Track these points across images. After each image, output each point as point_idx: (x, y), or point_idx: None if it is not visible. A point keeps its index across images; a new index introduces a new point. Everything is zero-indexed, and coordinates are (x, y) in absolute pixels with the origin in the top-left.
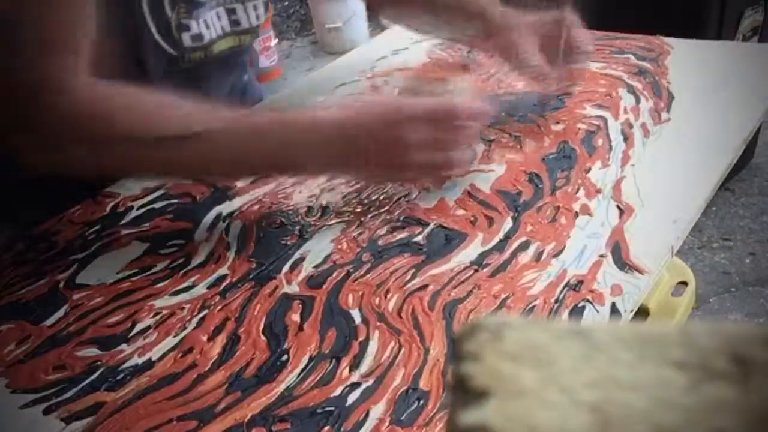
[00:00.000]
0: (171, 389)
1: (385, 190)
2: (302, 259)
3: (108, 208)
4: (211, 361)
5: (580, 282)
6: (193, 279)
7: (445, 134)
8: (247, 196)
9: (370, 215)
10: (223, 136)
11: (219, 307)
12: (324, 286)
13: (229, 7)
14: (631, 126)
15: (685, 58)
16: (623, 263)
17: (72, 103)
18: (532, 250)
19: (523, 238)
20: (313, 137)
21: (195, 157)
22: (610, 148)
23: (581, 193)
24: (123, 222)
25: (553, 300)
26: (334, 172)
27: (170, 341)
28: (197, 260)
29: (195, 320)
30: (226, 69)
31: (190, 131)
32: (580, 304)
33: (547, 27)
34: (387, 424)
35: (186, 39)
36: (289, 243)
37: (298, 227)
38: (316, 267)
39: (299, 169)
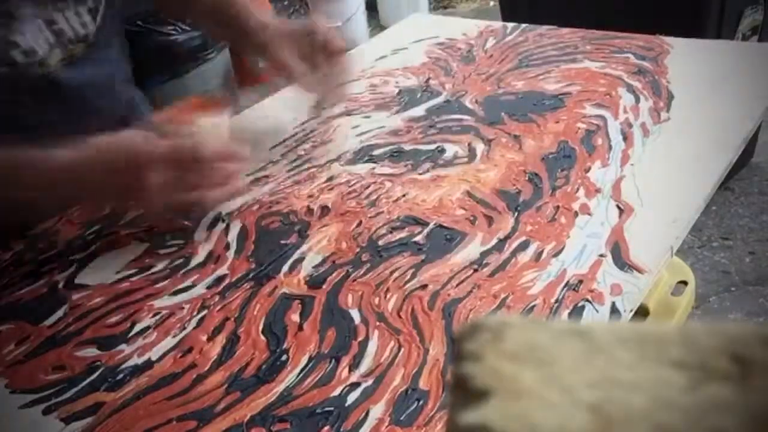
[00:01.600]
0: (171, 389)
1: (385, 191)
2: (302, 259)
3: (108, 208)
4: (211, 361)
5: (580, 282)
6: (192, 279)
7: (186, 175)
8: (247, 196)
9: (370, 215)
10: None
11: (218, 307)
12: (324, 286)
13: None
14: (630, 125)
15: (685, 58)
16: (623, 263)
17: None
18: (531, 250)
19: (523, 238)
20: (41, 180)
21: None
22: (610, 147)
23: (581, 192)
24: (123, 222)
25: (552, 300)
26: (72, 207)
27: (170, 341)
28: (197, 260)
29: (194, 320)
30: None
31: None
32: (579, 304)
33: (298, 33)
34: (386, 424)
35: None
36: (288, 243)
37: (297, 227)
38: (315, 267)
39: (32, 207)
